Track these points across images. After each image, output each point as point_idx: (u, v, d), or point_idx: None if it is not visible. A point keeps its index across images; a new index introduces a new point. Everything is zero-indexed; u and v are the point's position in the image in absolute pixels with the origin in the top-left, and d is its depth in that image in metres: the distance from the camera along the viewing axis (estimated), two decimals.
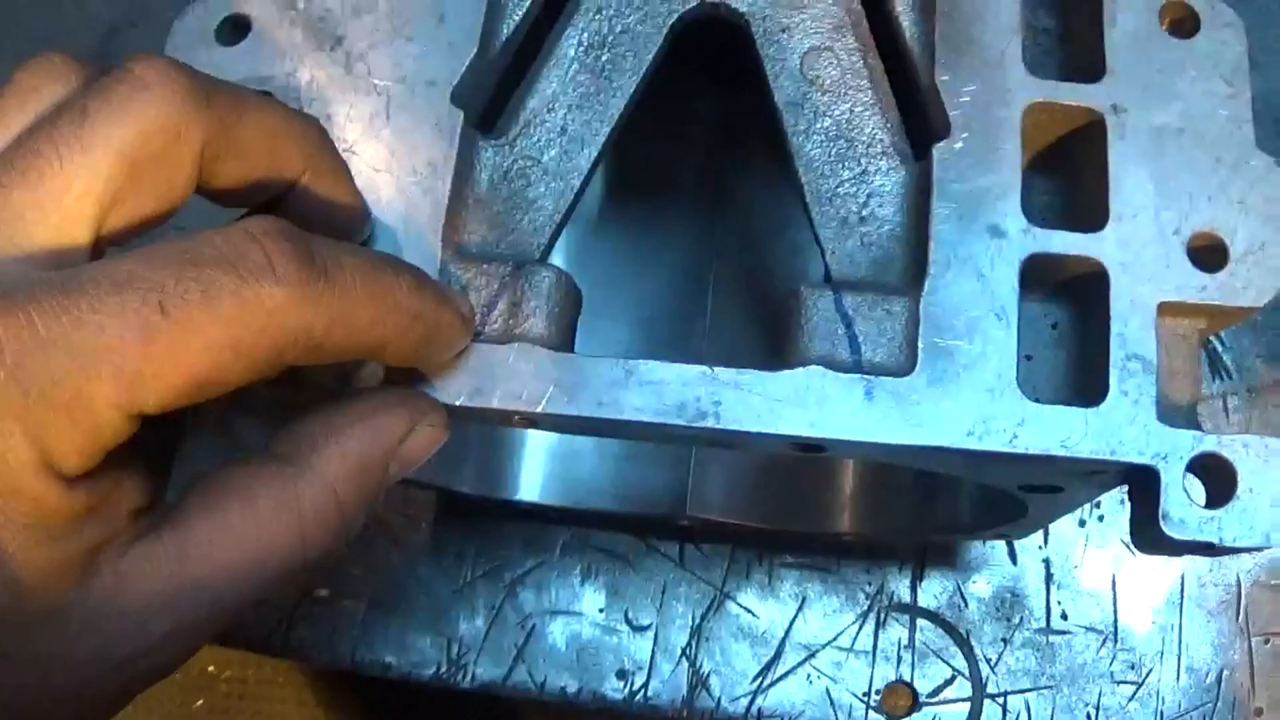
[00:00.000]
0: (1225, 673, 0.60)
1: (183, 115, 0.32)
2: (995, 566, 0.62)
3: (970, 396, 0.36)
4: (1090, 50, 0.41)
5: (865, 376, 0.36)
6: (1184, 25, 0.41)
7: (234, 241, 0.30)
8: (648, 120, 0.42)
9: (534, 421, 0.37)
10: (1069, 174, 0.41)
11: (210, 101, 0.33)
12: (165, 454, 0.37)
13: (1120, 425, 0.36)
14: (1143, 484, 0.37)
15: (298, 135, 0.36)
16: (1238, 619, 0.61)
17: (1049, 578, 0.62)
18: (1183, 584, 0.61)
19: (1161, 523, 0.36)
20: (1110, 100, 0.40)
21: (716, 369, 0.36)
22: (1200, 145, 0.39)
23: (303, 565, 0.34)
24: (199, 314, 0.29)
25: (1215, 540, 0.36)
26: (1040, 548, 0.62)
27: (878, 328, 0.37)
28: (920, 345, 0.37)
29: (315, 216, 0.36)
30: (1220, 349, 0.64)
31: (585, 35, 0.41)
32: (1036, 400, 0.37)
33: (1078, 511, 0.62)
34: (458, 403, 0.37)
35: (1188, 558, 0.60)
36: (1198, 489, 0.38)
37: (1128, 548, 0.61)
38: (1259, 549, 0.37)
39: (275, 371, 0.31)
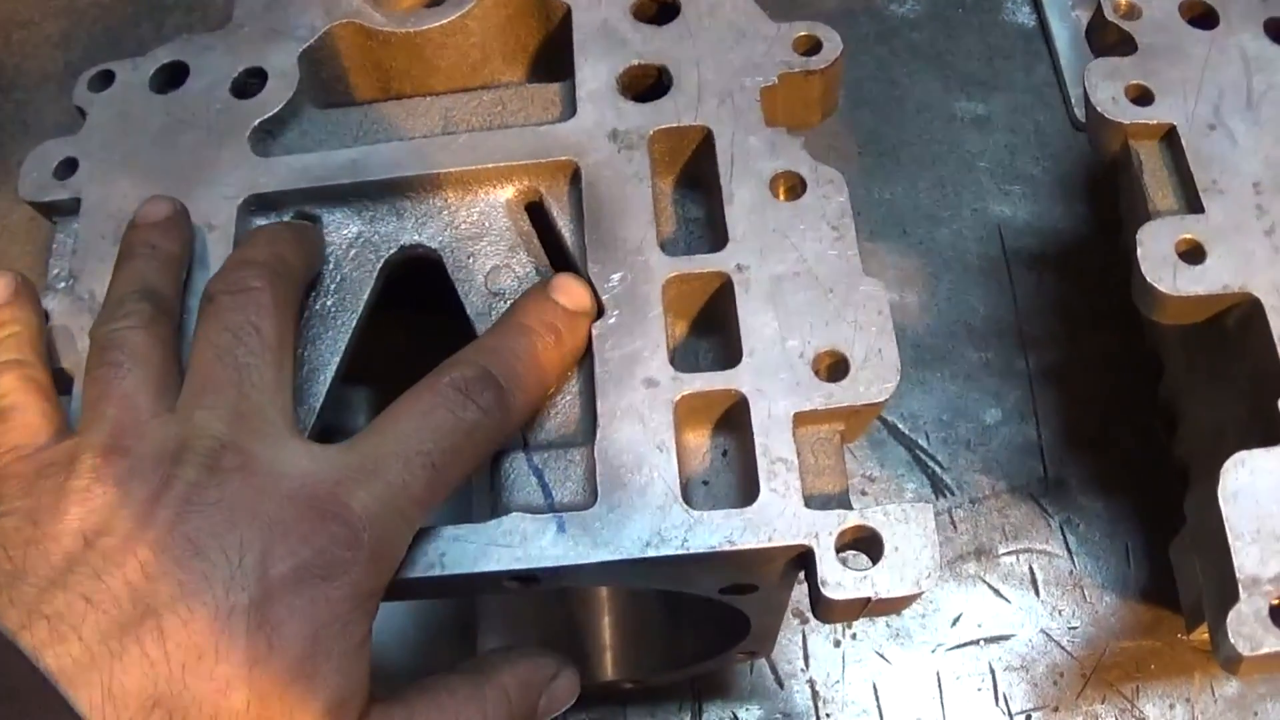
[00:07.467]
0: None
1: None
2: (766, 693, 0.66)
3: (643, 516, 0.43)
4: (721, 226, 0.49)
5: (557, 514, 0.43)
6: (794, 190, 0.49)
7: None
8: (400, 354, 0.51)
9: None
10: (719, 329, 0.49)
11: None
12: None
13: (772, 517, 0.43)
14: (809, 563, 0.43)
15: None
16: (997, 703, 0.65)
17: (815, 695, 0.66)
18: (939, 680, 0.66)
19: (822, 589, 0.42)
20: (734, 262, 0.47)
21: (441, 527, 0.44)
22: (814, 283, 0.47)
23: None
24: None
25: (871, 594, 0.42)
26: (803, 671, 0.66)
27: (563, 474, 0.45)
28: (599, 482, 0.44)
29: None
30: (940, 470, 0.71)
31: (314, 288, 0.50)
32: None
33: (833, 633, 0.67)
34: None
35: (937, 654, 0.66)
36: (864, 561, 0.43)
37: (882, 657, 0.66)
38: (914, 595, 0.42)
39: None
